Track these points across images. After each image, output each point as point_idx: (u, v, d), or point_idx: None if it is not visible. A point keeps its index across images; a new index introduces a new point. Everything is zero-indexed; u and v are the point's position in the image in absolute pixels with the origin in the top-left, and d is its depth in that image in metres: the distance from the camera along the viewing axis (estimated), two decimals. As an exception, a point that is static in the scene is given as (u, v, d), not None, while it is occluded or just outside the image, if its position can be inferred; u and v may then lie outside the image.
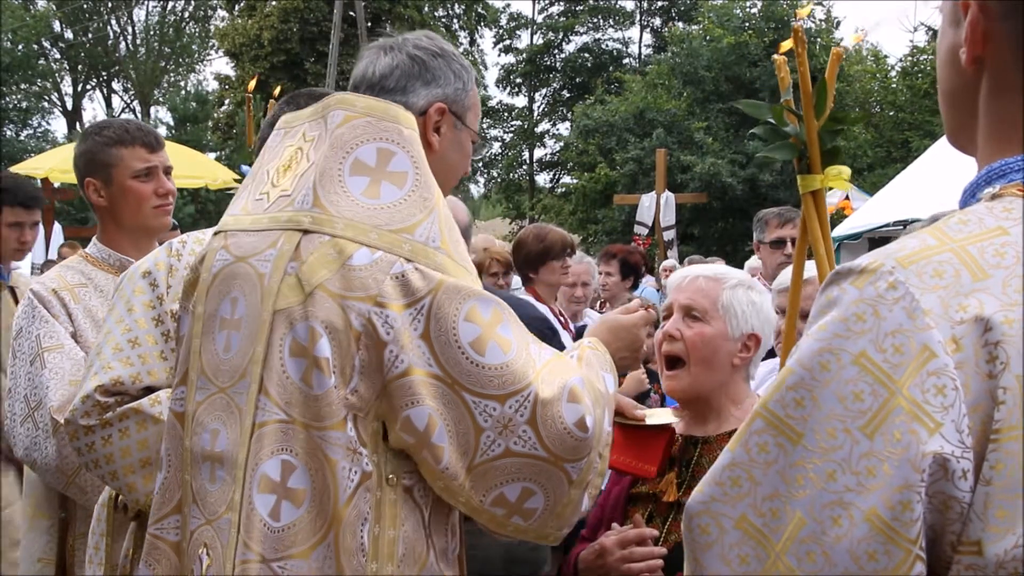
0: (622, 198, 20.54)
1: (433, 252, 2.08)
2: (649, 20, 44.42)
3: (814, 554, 1.13)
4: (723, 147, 27.67)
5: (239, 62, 37.54)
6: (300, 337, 2.03)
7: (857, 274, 1.20)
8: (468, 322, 2.03)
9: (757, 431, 1.20)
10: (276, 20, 36.02)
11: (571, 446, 2.08)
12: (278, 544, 2.00)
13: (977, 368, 1.12)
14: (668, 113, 29.16)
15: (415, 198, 2.12)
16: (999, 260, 1.18)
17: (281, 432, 2.02)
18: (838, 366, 1.15)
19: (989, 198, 1.27)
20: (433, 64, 2.35)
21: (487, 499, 2.09)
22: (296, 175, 2.18)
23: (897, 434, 1.11)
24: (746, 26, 29.37)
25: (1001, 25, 1.26)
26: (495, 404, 2.03)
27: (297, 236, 2.09)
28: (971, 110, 1.34)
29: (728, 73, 29.00)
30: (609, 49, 44.17)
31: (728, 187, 26.40)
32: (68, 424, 2.66)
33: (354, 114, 2.18)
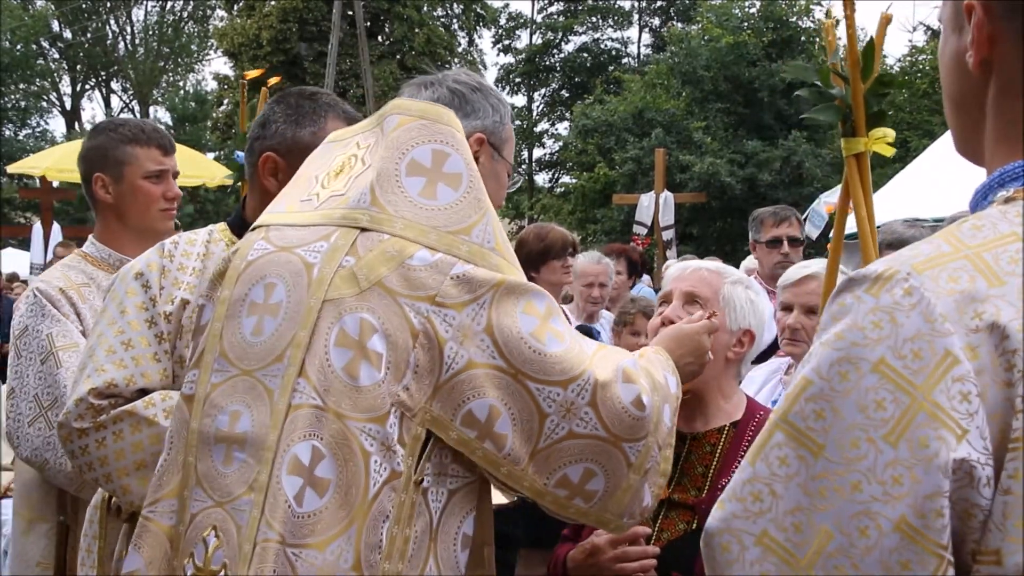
0: (621, 198, 20.52)
1: (489, 253, 2.14)
2: (648, 20, 44.49)
3: (843, 567, 1.11)
4: (722, 147, 27.67)
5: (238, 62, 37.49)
6: (349, 328, 2.05)
7: (872, 281, 1.18)
8: (526, 315, 2.10)
9: (777, 444, 1.18)
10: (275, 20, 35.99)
11: (629, 424, 2.15)
12: (298, 530, 1.99)
13: (995, 376, 1.11)
14: (667, 113, 29.17)
15: (470, 199, 2.17)
16: (1014, 267, 1.16)
17: (315, 417, 2.03)
18: (857, 375, 1.14)
19: (1002, 201, 1.26)
20: (472, 97, 2.43)
21: (551, 481, 2.15)
22: (351, 177, 2.22)
23: (924, 440, 1.09)
24: (745, 26, 29.37)
25: (1007, 25, 1.25)
26: (558, 390, 2.09)
27: (354, 233, 2.13)
28: (979, 114, 1.33)
29: (727, 73, 29.00)
30: (608, 49, 44.26)
31: (727, 187, 26.39)
32: (61, 427, 2.64)
33: (408, 117, 2.23)
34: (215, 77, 43.33)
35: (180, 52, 47.13)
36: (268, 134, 2.79)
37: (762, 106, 28.66)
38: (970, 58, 1.29)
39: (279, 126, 2.78)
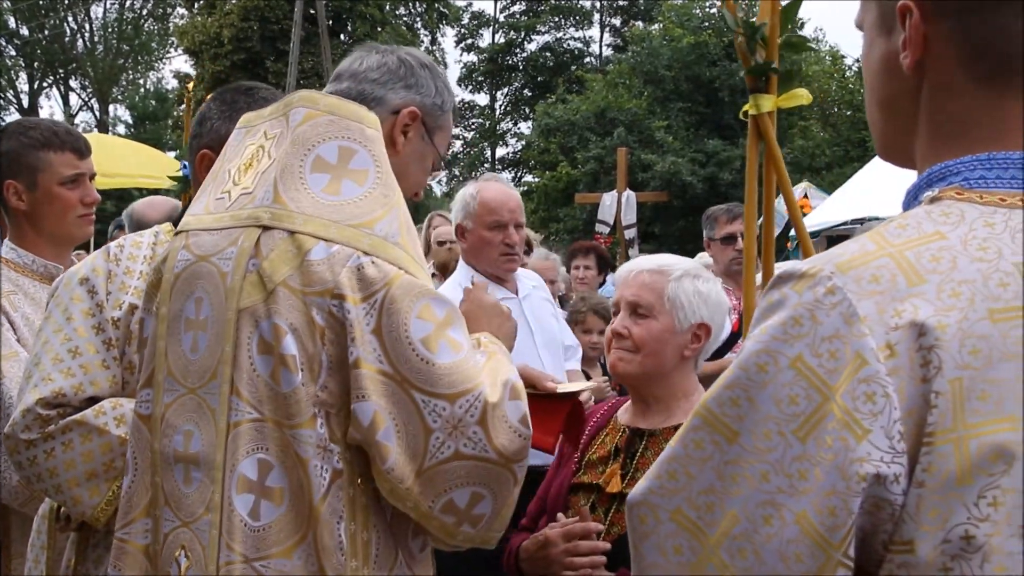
0: (583, 197, 20.53)
1: (391, 246, 2.07)
2: (609, 20, 44.53)
3: (745, 551, 1.15)
4: (683, 146, 27.75)
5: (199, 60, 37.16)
6: (266, 335, 2.03)
7: (798, 278, 1.20)
8: (420, 319, 2.02)
9: (694, 428, 1.22)
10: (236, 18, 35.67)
11: (519, 446, 2.07)
12: (260, 543, 2.00)
13: (912, 373, 1.13)
14: (629, 112, 29.22)
15: (376, 195, 2.12)
16: (935, 265, 1.18)
17: (256, 431, 2.02)
18: (775, 369, 1.16)
19: (928, 201, 1.28)
20: (419, 72, 2.37)
21: (436, 505, 2.05)
22: (257, 173, 2.17)
23: (829, 440, 1.12)
24: (705, 26, 29.47)
25: (941, 26, 1.26)
26: (445, 403, 2.00)
27: (256, 232, 2.08)
28: (911, 116, 1.34)
29: (688, 72, 29.09)
30: (570, 48, 44.26)
31: (688, 185, 26.48)
32: (8, 439, 2.54)
33: (316, 112, 2.18)
34: (176, 75, 42.98)
35: (140, 50, 46.53)
36: (204, 131, 2.73)
37: (723, 106, 28.76)
38: (905, 59, 1.29)
39: (214, 123, 2.72)
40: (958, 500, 1.11)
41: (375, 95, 2.30)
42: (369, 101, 2.28)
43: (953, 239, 1.20)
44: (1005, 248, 1.18)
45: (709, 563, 1.17)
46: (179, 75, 42.13)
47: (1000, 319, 1.14)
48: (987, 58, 1.25)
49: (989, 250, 1.18)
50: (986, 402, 1.12)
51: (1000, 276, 1.16)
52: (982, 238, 1.19)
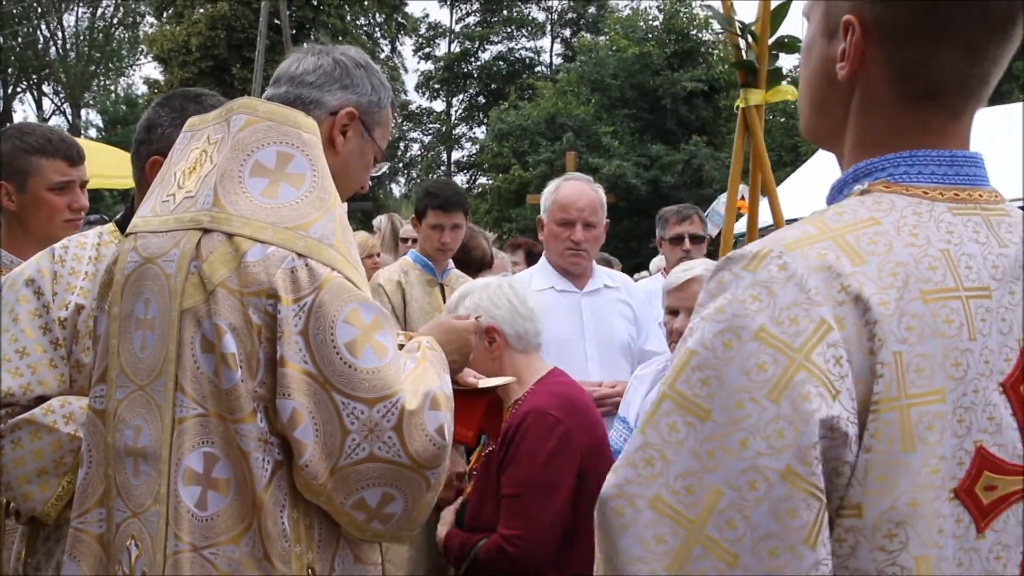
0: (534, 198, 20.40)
1: (326, 248, 2.04)
2: (559, 31, 44.64)
3: (734, 521, 1.11)
4: (628, 150, 27.90)
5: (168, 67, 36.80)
6: (208, 334, 2.00)
7: (749, 259, 1.20)
8: (347, 324, 1.99)
9: (666, 412, 1.17)
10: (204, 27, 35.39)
11: (433, 454, 2.05)
12: (207, 532, 1.98)
13: (860, 345, 1.15)
14: (577, 118, 29.33)
15: (312, 198, 2.09)
16: (873, 247, 1.21)
17: (200, 426, 2.00)
18: (739, 343, 1.15)
19: (859, 194, 1.31)
20: (355, 72, 2.32)
21: (347, 502, 2.03)
22: (200, 177, 2.14)
23: (804, 395, 1.11)
24: (649, 37, 29.67)
25: (879, 48, 1.28)
26: (363, 407, 1.97)
27: (197, 235, 2.05)
28: (841, 119, 1.36)
29: (633, 81, 29.25)
30: (522, 58, 44.33)
31: (633, 188, 26.61)
32: None
33: (255, 118, 2.14)
34: (145, 81, 42.53)
35: (111, 57, 46.12)
36: (154, 138, 2.65)
37: (665, 112, 28.95)
38: (842, 70, 1.31)
39: (164, 129, 2.64)
40: (903, 467, 1.14)
41: (312, 98, 2.26)
42: (307, 104, 2.25)
43: (887, 225, 1.24)
44: (932, 235, 1.24)
45: (696, 545, 1.12)
46: (148, 81, 41.72)
47: (931, 299, 1.19)
48: (915, 82, 1.29)
49: (919, 236, 1.23)
50: (921, 375, 1.16)
51: (929, 260, 1.21)
52: (912, 225, 1.24)
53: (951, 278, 1.21)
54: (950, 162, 1.30)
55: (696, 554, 1.11)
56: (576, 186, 4.35)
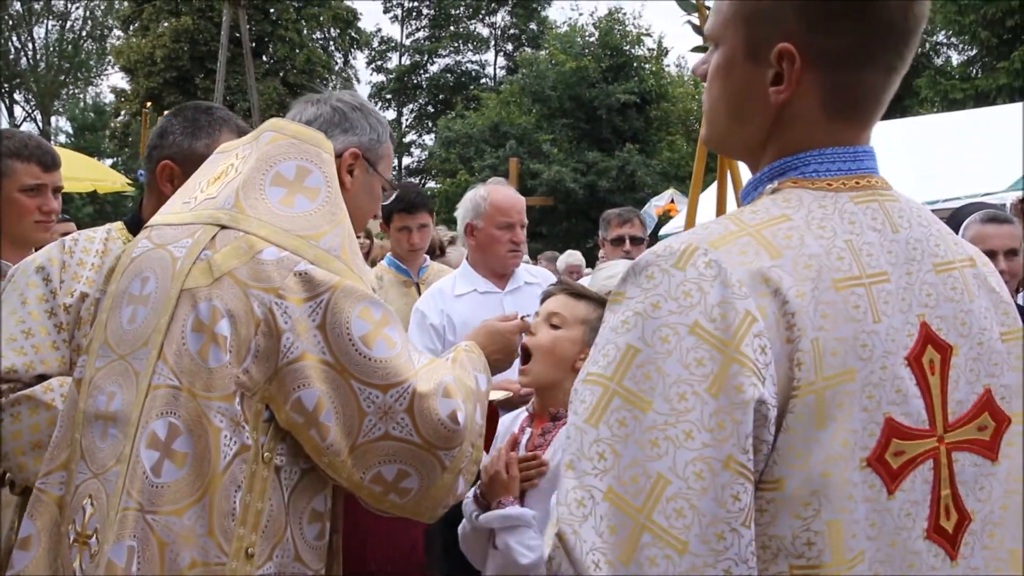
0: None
1: (333, 260, 2.08)
2: (503, 46, 44.60)
3: (683, 510, 1.10)
4: (567, 157, 27.97)
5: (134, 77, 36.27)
6: (202, 315, 2.01)
7: (678, 256, 1.21)
8: (360, 319, 2.03)
9: (615, 408, 1.16)
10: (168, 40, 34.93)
11: (444, 436, 2.09)
12: (155, 498, 1.96)
13: (779, 334, 1.17)
14: (519, 127, 29.36)
15: (324, 212, 2.13)
16: (788, 242, 1.23)
17: (172, 396, 1.99)
18: (677, 338, 1.15)
19: (770, 192, 1.33)
20: (352, 116, 2.37)
21: (366, 476, 2.07)
22: (224, 183, 2.17)
23: (739, 386, 1.13)
24: (586, 52, 29.73)
25: (815, 72, 1.29)
26: (378, 392, 2.03)
27: (215, 230, 2.08)
28: (763, 132, 1.36)
29: (571, 93, 29.32)
30: (468, 70, 44.25)
31: (571, 192, 26.69)
32: None
33: (282, 136, 2.20)
34: (113, 90, 41.92)
35: (79, 67, 45.29)
36: (166, 144, 2.69)
37: (601, 122, 29.06)
38: (778, 94, 1.31)
39: (176, 137, 2.69)
40: (815, 442, 1.16)
41: None
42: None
43: (798, 220, 1.26)
44: (838, 227, 1.26)
45: (644, 532, 1.11)
46: (115, 90, 41.08)
47: (841, 287, 1.22)
48: (842, 100, 1.32)
49: (827, 228, 1.26)
50: (836, 357, 1.19)
51: (837, 251, 1.24)
52: (820, 218, 1.27)
53: (856, 267, 1.24)
54: (852, 156, 1.33)
55: (645, 541, 1.11)
56: (508, 191, 4.39)
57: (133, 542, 1.94)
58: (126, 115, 37.32)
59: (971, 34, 24.69)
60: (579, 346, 2.69)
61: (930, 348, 1.26)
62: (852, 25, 1.27)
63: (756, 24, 1.31)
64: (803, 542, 1.16)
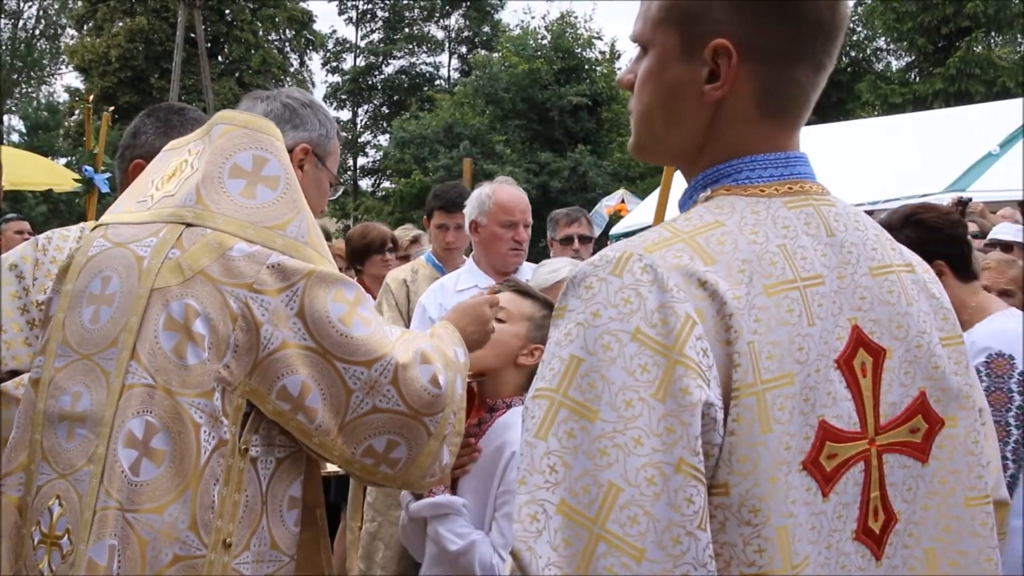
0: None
1: (302, 246, 2.09)
2: (457, 48, 44.51)
3: (637, 516, 1.08)
4: (520, 157, 27.97)
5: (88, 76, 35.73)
6: (175, 314, 2.01)
7: (614, 264, 1.19)
8: (336, 302, 2.05)
9: (563, 419, 1.13)
10: (123, 39, 34.43)
11: (427, 401, 2.11)
12: (135, 496, 1.95)
13: (718, 336, 1.16)
14: (473, 128, 29.29)
15: (286, 200, 2.13)
16: (721, 248, 1.22)
17: (147, 395, 1.98)
18: (619, 345, 1.13)
19: (703, 200, 1.33)
20: (302, 112, 2.39)
21: (358, 450, 2.09)
22: (181, 180, 2.16)
23: (684, 390, 1.11)
24: (538, 55, 29.74)
25: (749, 68, 1.29)
26: (363, 369, 2.04)
27: (180, 228, 2.07)
28: (698, 134, 1.35)
29: (523, 94, 29.32)
30: (423, 72, 44.08)
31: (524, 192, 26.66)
32: None
33: (232, 127, 2.18)
34: (67, 90, 41.15)
35: (32, 66, 44.42)
36: (139, 143, 2.67)
37: (553, 123, 29.10)
38: (715, 91, 1.30)
39: (149, 136, 2.67)
40: (762, 447, 1.15)
41: None
42: None
43: (731, 225, 1.26)
44: (770, 232, 1.26)
45: (600, 543, 1.07)
46: (70, 89, 40.37)
47: (773, 292, 1.21)
48: (775, 98, 1.32)
49: (759, 233, 1.25)
50: (772, 361, 1.18)
51: (770, 256, 1.23)
52: (752, 224, 1.26)
53: (789, 270, 1.23)
54: (784, 162, 1.32)
55: (601, 551, 1.07)
56: (513, 190, 4.40)
57: (114, 541, 1.93)
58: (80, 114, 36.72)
59: (909, 41, 25.13)
60: (522, 341, 2.72)
61: (862, 351, 1.26)
62: (784, 22, 1.27)
63: (688, 24, 1.30)
64: (754, 549, 1.15)
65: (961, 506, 1.33)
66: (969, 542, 1.32)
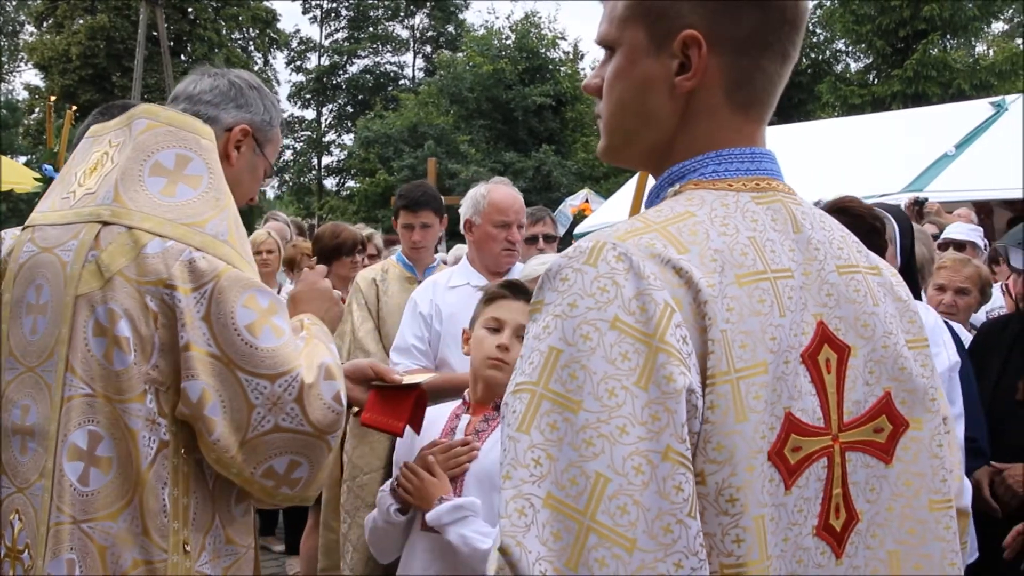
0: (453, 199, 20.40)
1: (221, 244, 2.04)
2: (421, 47, 44.46)
3: (627, 506, 1.06)
4: (484, 157, 28.00)
5: (49, 74, 35.28)
6: (101, 319, 1.98)
7: (588, 254, 1.17)
8: (246, 308, 1.99)
9: (545, 412, 1.11)
10: (84, 37, 34.02)
11: (332, 420, 2.06)
12: (87, 507, 1.93)
13: (694, 323, 1.15)
14: (437, 127, 29.28)
15: (208, 198, 2.09)
16: (693, 238, 1.22)
17: (87, 405, 1.95)
18: (598, 335, 1.11)
19: (672, 195, 1.32)
20: (248, 93, 2.34)
21: (257, 471, 2.02)
22: (101, 175, 2.12)
23: (669, 377, 1.10)
24: (503, 55, 29.80)
25: (719, 59, 1.29)
26: (266, 383, 1.97)
27: (97, 227, 2.03)
28: (669, 130, 1.34)
29: (488, 94, 29.36)
30: (387, 71, 44.00)
31: (488, 191, 26.68)
32: None
33: (156, 123, 2.13)
34: (26, 88, 40.58)
35: (-9, 63, 43.80)
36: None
37: (517, 123, 29.15)
38: (687, 82, 1.30)
39: None
40: (739, 436, 1.14)
41: (209, 115, 2.25)
42: (204, 120, 2.22)
43: (702, 216, 1.25)
44: (740, 224, 1.26)
45: (590, 535, 1.05)
46: (29, 87, 39.80)
47: (745, 283, 1.21)
48: (744, 90, 1.32)
49: (729, 226, 1.25)
50: (745, 350, 1.17)
51: (740, 247, 1.23)
52: (722, 216, 1.26)
53: (760, 262, 1.23)
54: (751, 158, 1.32)
55: (591, 543, 1.05)
56: (508, 191, 4.38)
57: (72, 555, 1.92)
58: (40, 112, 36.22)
59: (868, 43, 25.40)
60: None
61: (827, 347, 1.25)
62: (752, 12, 1.28)
63: (654, 18, 1.30)
64: (732, 539, 1.14)
65: (925, 509, 1.32)
66: (933, 546, 1.32)
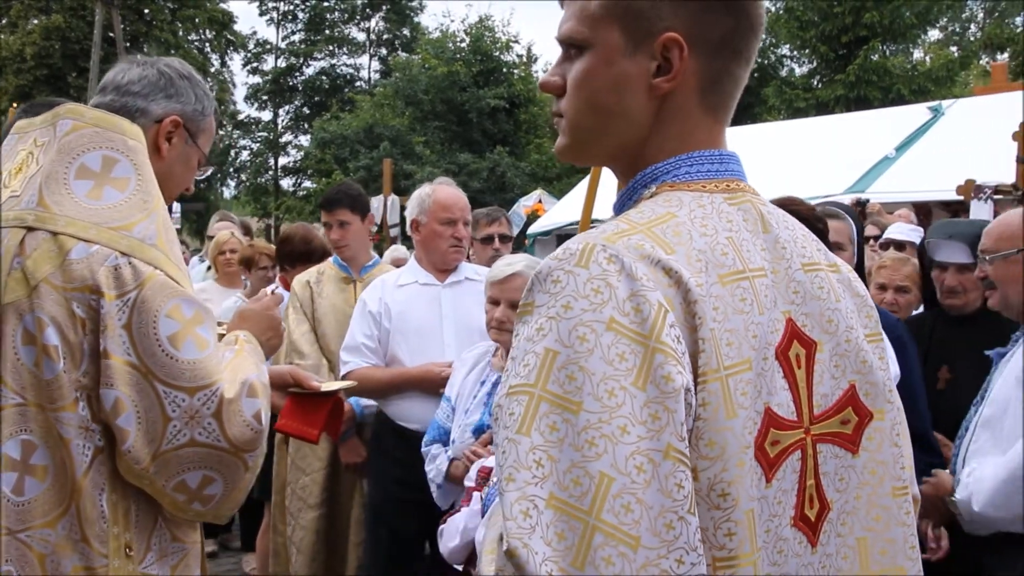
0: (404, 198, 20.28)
1: (149, 248, 1.98)
2: (377, 50, 44.19)
3: (630, 504, 1.05)
4: (439, 158, 27.91)
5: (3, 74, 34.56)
6: (29, 327, 1.91)
7: (578, 256, 1.16)
8: (169, 318, 1.93)
9: (544, 414, 1.09)
10: (39, 37, 33.37)
11: (250, 438, 2.01)
12: (23, 516, 1.88)
13: (685, 322, 1.16)
14: (393, 129, 29.14)
15: (136, 201, 2.02)
16: (678, 239, 1.22)
17: (19, 415, 1.90)
18: (595, 336, 1.11)
19: (649, 197, 1.32)
20: (179, 83, 2.24)
21: (169, 484, 1.96)
22: (25, 177, 2.04)
23: (667, 376, 1.10)
24: (457, 58, 29.72)
25: (695, 63, 1.30)
26: (184, 396, 1.92)
27: (21, 233, 1.95)
28: (642, 129, 1.33)
29: (443, 96, 29.27)
30: (343, 73, 43.67)
31: (444, 192, 26.58)
32: None
33: (82, 123, 2.06)
34: (-20, 87, 39.75)
35: (-56, 63, 42.85)
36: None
37: (471, 125, 29.10)
38: (666, 83, 1.29)
39: None
40: (729, 432, 1.15)
41: (138, 106, 2.17)
42: (133, 112, 2.15)
43: (683, 217, 1.26)
44: (718, 225, 1.27)
45: (596, 534, 1.04)
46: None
47: (727, 282, 1.22)
48: (715, 92, 1.33)
49: (708, 226, 1.26)
50: (732, 348, 1.18)
51: (721, 247, 1.24)
52: (701, 216, 1.27)
53: (739, 261, 1.24)
54: (719, 159, 1.33)
55: (597, 542, 1.04)
56: (452, 190, 4.41)
57: (10, 567, 1.87)
58: None
59: (811, 48, 25.73)
60: None
61: (796, 343, 1.27)
62: (725, 16, 1.29)
63: (633, 20, 1.29)
64: (724, 533, 1.14)
65: (889, 496, 1.35)
66: (896, 531, 1.35)
